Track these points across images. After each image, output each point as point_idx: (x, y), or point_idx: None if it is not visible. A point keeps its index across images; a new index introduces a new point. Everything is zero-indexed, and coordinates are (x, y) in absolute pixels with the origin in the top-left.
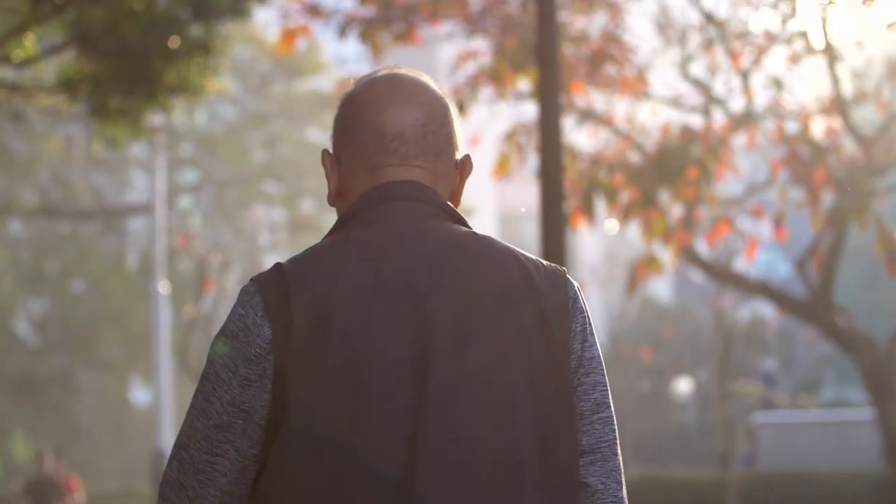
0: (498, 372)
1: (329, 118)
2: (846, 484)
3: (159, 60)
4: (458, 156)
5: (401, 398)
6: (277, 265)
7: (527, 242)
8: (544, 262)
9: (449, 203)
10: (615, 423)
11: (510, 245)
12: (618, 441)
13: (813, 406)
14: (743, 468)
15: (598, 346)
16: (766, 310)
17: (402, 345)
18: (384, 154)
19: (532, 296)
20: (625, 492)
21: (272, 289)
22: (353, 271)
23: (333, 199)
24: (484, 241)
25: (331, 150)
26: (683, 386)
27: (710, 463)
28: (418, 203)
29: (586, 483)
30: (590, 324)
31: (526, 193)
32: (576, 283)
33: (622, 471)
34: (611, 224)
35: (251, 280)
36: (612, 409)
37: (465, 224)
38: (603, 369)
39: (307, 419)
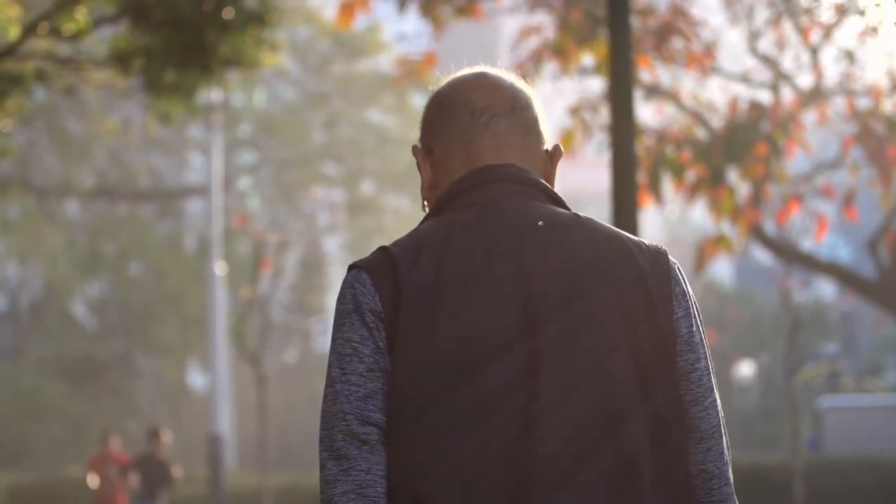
0: (605, 353)
1: (389, 98)
2: None
3: (213, 32)
4: (547, 146)
5: (509, 377)
6: (382, 248)
7: None
8: (646, 241)
9: (546, 183)
10: (720, 405)
11: (611, 226)
12: (723, 423)
13: (878, 390)
14: (809, 452)
15: (703, 328)
16: (828, 293)
17: (510, 325)
18: (476, 130)
19: (637, 278)
20: (727, 469)
21: (379, 269)
22: (459, 252)
23: (427, 192)
24: (587, 223)
25: (420, 147)
26: (746, 370)
27: (772, 448)
28: (517, 184)
29: (704, 469)
30: (693, 305)
31: (588, 175)
32: (677, 264)
33: (728, 449)
34: (672, 208)
35: (353, 265)
36: (716, 390)
37: (564, 205)
38: (708, 353)
39: (414, 397)
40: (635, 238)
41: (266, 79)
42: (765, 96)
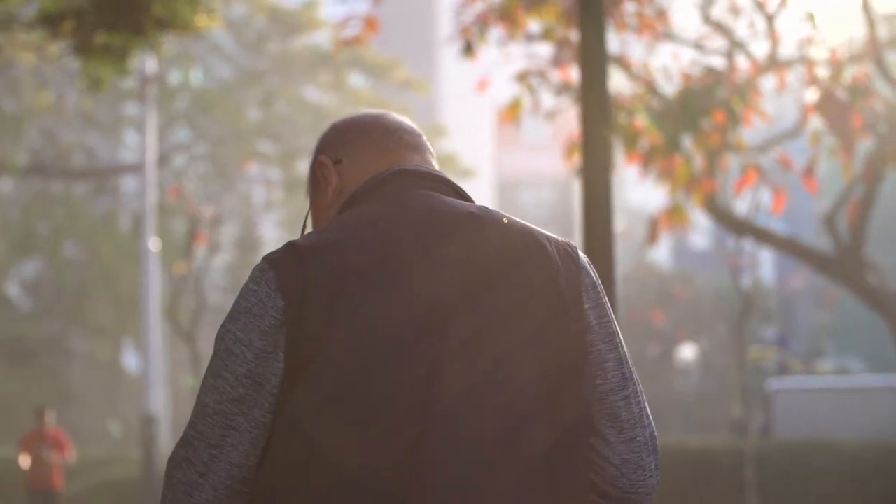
0: (510, 353)
1: (326, 76)
2: (866, 452)
3: None
4: None
5: (414, 361)
6: (290, 243)
7: (524, 210)
8: (553, 235)
9: (453, 181)
10: (641, 395)
11: (519, 220)
12: (645, 413)
13: (825, 373)
14: (758, 435)
15: (615, 319)
16: (767, 277)
17: (415, 312)
18: (391, 141)
19: (548, 270)
20: (653, 460)
21: (285, 264)
22: (363, 242)
23: (332, 199)
24: (494, 214)
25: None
26: (687, 353)
27: (711, 431)
28: (425, 180)
29: (629, 460)
30: (604, 297)
31: (524, 160)
32: (585, 257)
33: (654, 439)
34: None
35: (264, 258)
36: (637, 379)
37: (471, 201)
38: (622, 342)
39: (324, 385)
40: (544, 231)
41: (202, 55)
42: (719, 64)
